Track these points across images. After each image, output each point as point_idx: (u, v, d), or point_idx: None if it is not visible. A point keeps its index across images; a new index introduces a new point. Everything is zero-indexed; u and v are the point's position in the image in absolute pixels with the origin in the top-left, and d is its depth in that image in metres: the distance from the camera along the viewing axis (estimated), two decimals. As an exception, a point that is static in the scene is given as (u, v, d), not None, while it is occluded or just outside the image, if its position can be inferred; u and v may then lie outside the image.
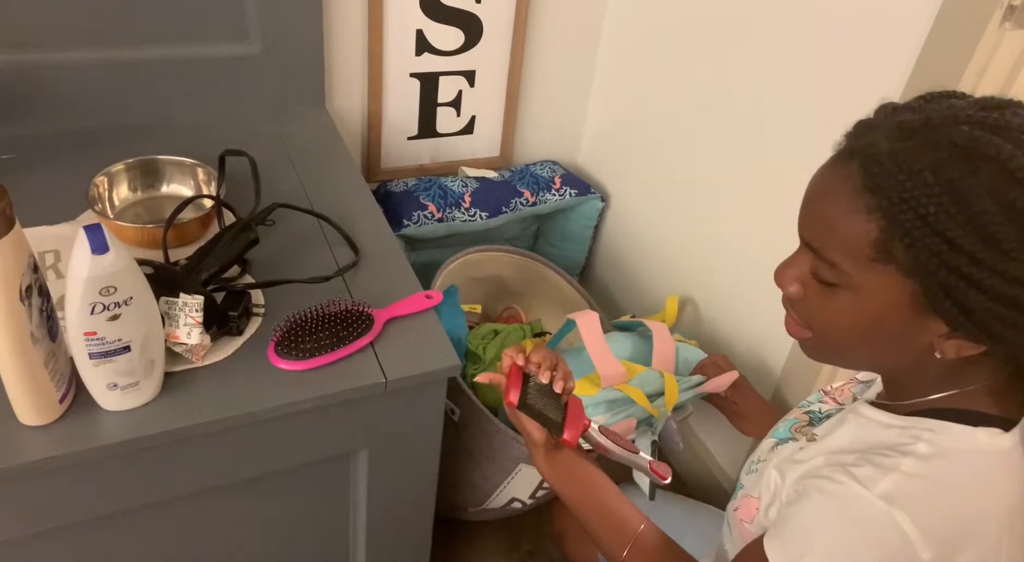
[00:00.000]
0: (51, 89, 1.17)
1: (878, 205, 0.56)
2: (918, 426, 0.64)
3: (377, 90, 1.46)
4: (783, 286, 0.66)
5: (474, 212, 1.51)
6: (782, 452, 0.77)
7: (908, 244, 0.55)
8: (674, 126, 1.47)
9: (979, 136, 0.53)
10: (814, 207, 0.61)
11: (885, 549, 0.58)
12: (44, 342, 0.74)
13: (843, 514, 0.61)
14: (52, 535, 0.85)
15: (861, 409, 0.71)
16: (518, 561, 1.40)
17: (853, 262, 0.58)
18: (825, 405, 0.82)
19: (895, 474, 0.60)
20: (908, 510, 0.58)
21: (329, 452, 0.96)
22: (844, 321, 0.62)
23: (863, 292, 0.59)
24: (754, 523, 0.75)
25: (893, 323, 0.60)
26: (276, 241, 1.04)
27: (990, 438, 0.61)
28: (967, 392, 0.63)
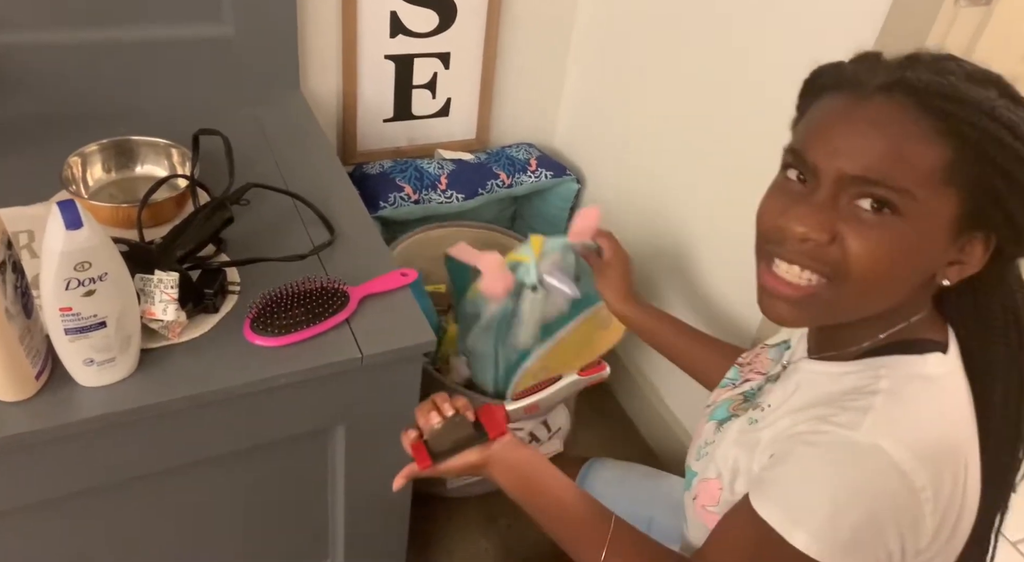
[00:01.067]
0: (23, 71, 1.17)
1: (948, 130, 0.58)
2: (872, 366, 0.66)
3: (352, 72, 1.46)
4: (813, 232, 0.62)
5: (450, 194, 1.53)
6: (731, 430, 0.77)
7: (979, 163, 0.58)
8: (649, 108, 1.48)
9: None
10: (867, 141, 0.60)
11: (885, 485, 0.59)
12: (19, 318, 0.75)
13: (837, 460, 0.61)
14: (28, 510, 0.86)
15: (804, 366, 0.73)
16: (495, 535, 1.43)
17: (926, 186, 0.59)
18: (751, 381, 0.83)
19: (872, 412, 0.62)
20: (896, 443, 0.60)
21: (306, 428, 0.97)
22: (894, 252, 0.61)
23: (924, 217, 0.60)
24: (720, 504, 0.74)
25: (931, 249, 0.62)
26: (251, 221, 1.05)
27: (937, 361, 0.66)
28: (904, 327, 0.67)
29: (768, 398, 0.75)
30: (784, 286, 0.65)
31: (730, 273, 1.35)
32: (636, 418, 1.68)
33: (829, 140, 0.61)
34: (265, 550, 1.11)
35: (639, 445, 1.63)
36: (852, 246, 0.61)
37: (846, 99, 0.62)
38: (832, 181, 0.61)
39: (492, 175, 1.57)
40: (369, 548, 1.19)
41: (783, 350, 0.82)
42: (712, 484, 0.76)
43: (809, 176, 0.63)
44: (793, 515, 0.61)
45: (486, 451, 0.82)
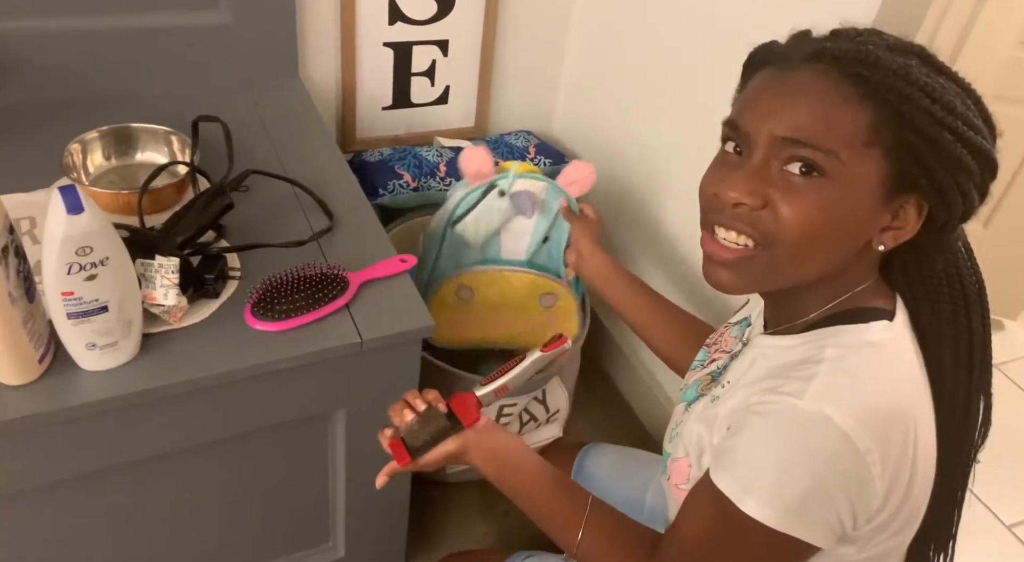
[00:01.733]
0: (23, 58, 1.17)
1: (867, 94, 0.61)
2: (819, 336, 0.69)
3: (351, 60, 1.46)
4: (744, 197, 0.65)
5: (449, 181, 1.53)
6: (696, 410, 0.79)
7: (897, 124, 0.61)
8: (648, 96, 1.49)
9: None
10: (799, 105, 0.63)
11: (829, 449, 0.61)
12: (22, 302, 0.76)
13: (783, 428, 0.63)
14: (31, 494, 0.87)
15: (759, 341, 0.75)
16: (494, 521, 1.44)
17: (850, 148, 0.62)
18: (717, 360, 0.84)
19: (817, 379, 0.64)
20: (838, 407, 0.61)
21: (306, 412, 0.98)
22: (824, 215, 0.64)
23: (851, 180, 0.63)
24: (689, 481, 0.76)
25: (862, 213, 0.64)
26: (251, 207, 1.05)
27: (883, 329, 0.68)
28: (849, 296, 0.69)
29: (728, 375, 0.78)
30: (723, 251, 0.68)
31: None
32: (634, 403, 1.69)
33: (759, 106, 0.66)
34: (266, 534, 1.12)
35: (637, 430, 1.64)
36: (783, 210, 0.64)
37: (775, 71, 0.66)
38: (763, 145, 0.65)
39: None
40: (369, 532, 1.20)
41: (744, 327, 0.84)
42: (682, 463, 0.77)
43: (744, 146, 0.67)
44: (743, 483, 0.64)
45: (462, 439, 0.83)
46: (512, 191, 1.26)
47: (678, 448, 0.79)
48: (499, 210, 1.27)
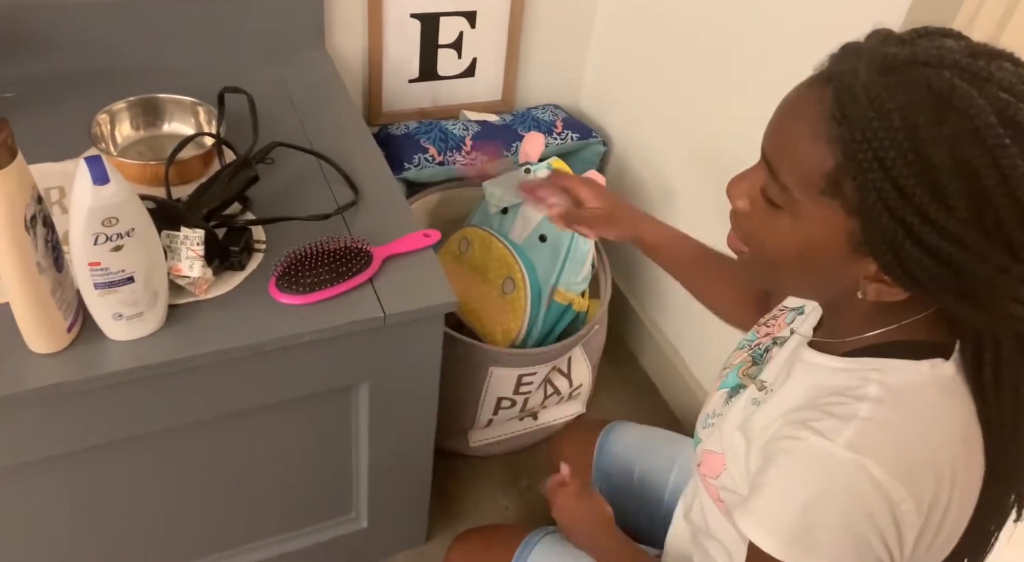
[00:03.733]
0: (52, 30, 1.17)
1: (840, 137, 0.54)
2: (864, 367, 0.63)
3: (377, 31, 1.45)
4: (732, 199, 0.66)
5: (475, 156, 1.52)
6: (737, 407, 0.76)
7: (859, 183, 0.54)
8: (678, 69, 1.46)
9: (957, 85, 0.51)
10: (780, 124, 0.60)
11: (860, 498, 0.58)
12: (50, 272, 0.77)
13: (814, 472, 0.60)
14: (56, 461, 0.89)
15: (805, 355, 0.70)
16: (516, 495, 1.45)
17: (802, 189, 0.58)
18: (763, 341, 0.82)
19: (855, 421, 0.60)
20: (874, 455, 0.58)
21: (330, 385, 0.98)
22: (779, 244, 0.62)
23: (804, 220, 0.59)
24: (719, 479, 0.74)
25: (825, 257, 0.60)
26: (276, 180, 1.05)
27: (933, 369, 0.62)
28: (903, 326, 0.63)
29: (771, 378, 0.74)
30: (729, 242, 0.69)
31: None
32: (658, 381, 1.68)
33: (774, 115, 0.62)
34: (290, 504, 1.13)
35: (661, 409, 1.63)
36: (753, 222, 0.64)
37: (807, 79, 0.60)
38: (761, 156, 0.63)
39: (517, 137, 1.56)
40: (392, 504, 1.21)
41: (797, 315, 0.81)
42: (716, 458, 0.75)
43: None
44: (768, 526, 0.61)
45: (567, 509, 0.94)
46: (535, 174, 1.34)
47: (714, 441, 0.77)
48: (518, 181, 1.30)
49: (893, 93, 0.53)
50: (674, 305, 1.61)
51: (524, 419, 1.47)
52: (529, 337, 1.35)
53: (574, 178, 1.00)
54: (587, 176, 1.30)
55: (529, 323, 1.33)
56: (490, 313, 1.35)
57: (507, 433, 1.47)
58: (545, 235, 1.35)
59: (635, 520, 1.09)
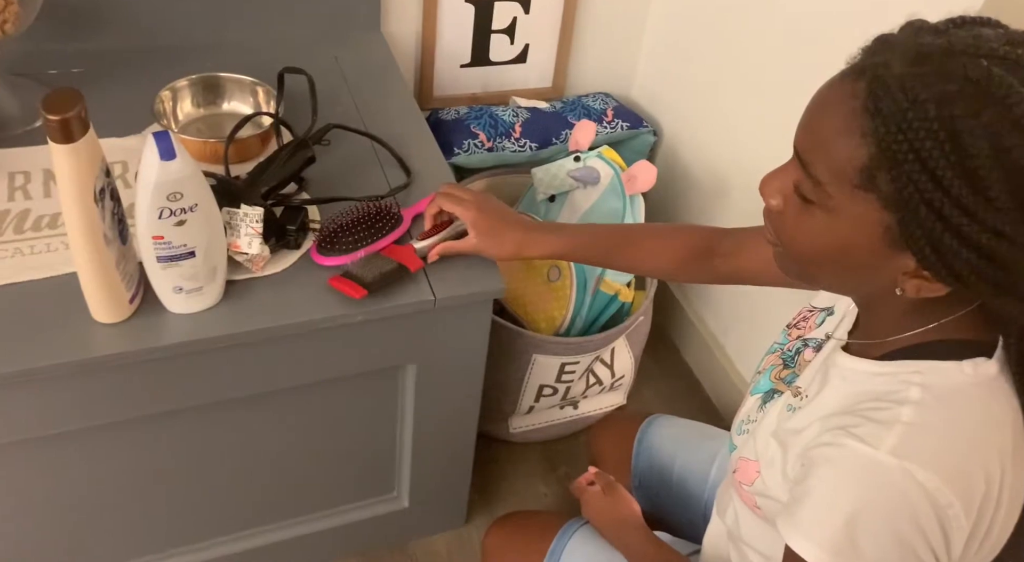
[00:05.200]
0: (118, 7, 1.20)
1: (874, 130, 0.53)
2: (904, 370, 0.62)
3: (432, 15, 1.45)
4: (765, 197, 0.64)
5: (524, 142, 1.51)
6: (772, 414, 0.75)
7: (895, 176, 0.53)
8: (732, 60, 1.43)
9: (994, 73, 0.50)
10: (812, 118, 0.59)
11: (910, 507, 0.57)
12: (115, 244, 0.79)
13: (858, 480, 0.59)
14: (115, 429, 0.91)
15: (840, 360, 0.69)
16: (555, 483, 1.45)
17: (836, 184, 0.56)
18: (794, 343, 0.80)
19: (898, 426, 0.58)
20: (919, 461, 0.57)
21: (378, 365, 1.00)
22: (813, 241, 0.61)
23: (838, 216, 0.58)
24: (753, 486, 0.73)
25: (861, 252, 0.59)
26: (331, 161, 1.06)
27: (976, 369, 0.60)
28: (942, 324, 0.62)
29: (805, 383, 0.73)
30: (767, 235, 0.68)
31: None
32: (700, 374, 1.67)
33: (806, 111, 0.60)
34: (334, 481, 1.15)
35: (703, 403, 1.62)
36: (786, 219, 0.63)
37: (839, 73, 0.58)
38: (793, 152, 0.61)
39: (567, 125, 1.55)
40: (433, 485, 1.22)
41: (827, 315, 0.80)
42: (750, 465, 0.74)
43: None
44: (812, 536, 0.60)
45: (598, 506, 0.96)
46: (585, 162, 1.34)
47: (748, 447, 0.76)
48: (567, 170, 1.35)
49: (928, 83, 0.51)
50: (719, 299, 1.59)
51: (565, 408, 1.47)
52: (573, 326, 1.34)
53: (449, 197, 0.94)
54: (639, 166, 1.30)
55: (574, 312, 1.33)
56: (535, 301, 1.35)
57: (547, 421, 1.47)
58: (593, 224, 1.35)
59: (673, 515, 1.09)
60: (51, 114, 0.68)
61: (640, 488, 1.12)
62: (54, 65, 1.16)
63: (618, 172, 1.33)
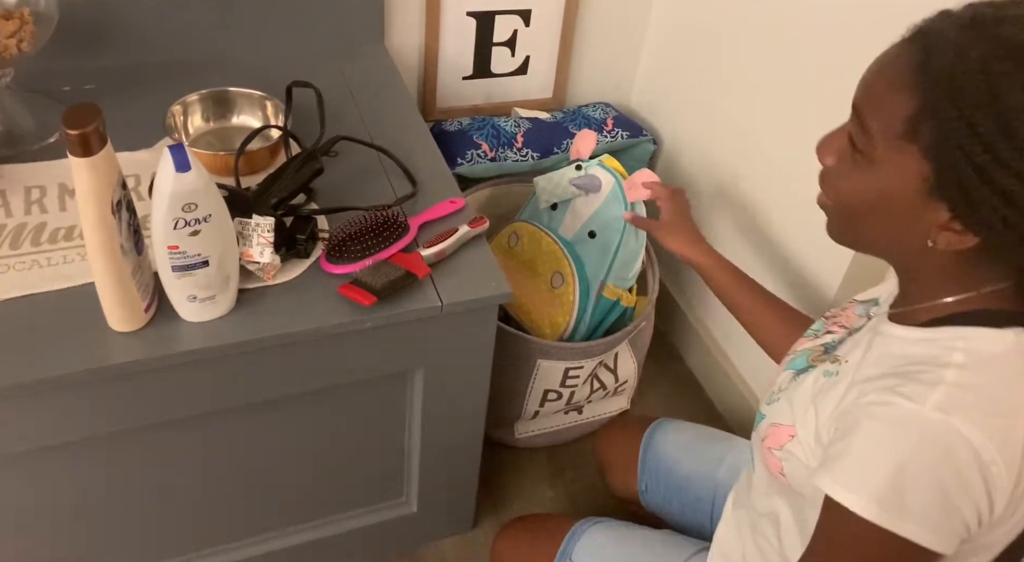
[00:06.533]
0: (129, 24, 1.23)
1: (921, 84, 0.58)
2: (947, 336, 0.64)
3: (434, 29, 1.48)
4: (821, 156, 0.69)
5: (526, 152, 1.54)
6: (806, 382, 0.77)
7: (936, 125, 0.58)
8: (729, 70, 1.46)
9: None
10: (871, 75, 0.64)
11: (955, 460, 0.59)
12: (131, 254, 0.81)
13: (904, 434, 0.61)
14: (131, 435, 0.93)
15: (883, 327, 0.71)
16: (561, 486, 1.47)
17: (883, 134, 0.62)
18: (833, 334, 0.82)
19: (942, 386, 0.61)
20: (965, 417, 0.59)
21: (387, 370, 1.02)
22: (858, 191, 0.66)
23: (882, 166, 0.63)
24: (783, 450, 0.75)
25: (899, 202, 0.63)
26: (339, 172, 1.09)
27: (1018, 337, 0.63)
28: (983, 294, 0.65)
29: (846, 352, 0.75)
30: (819, 200, 0.73)
31: (810, 238, 1.33)
32: (702, 378, 1.69)
33: (868, 68, 0.65)
34: (344, 486, 1.17)
35: (705, 407, 1.63)
36: (839, 175, 0.68)
37: (901, 37, 0.64)
38: (852, 111, 0.66)
39: (568, 134, 1.58)
40: (441, 490, 1.24)
41: (871, 307, 0.82)
42: (783, 430, 0.76)
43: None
44: (858, 488, 0.62)
45: None
46: (586, 171, 1.36)
47: (781, 414, 0.78)
48: (568, 178, 1.37)
49: (976, 44, 0.57)
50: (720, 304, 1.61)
51: (569, 412, 1.49)
52: (577, 331, 1.36)
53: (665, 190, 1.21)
54: (640, 174, 1.32)
55: (577, 317, 1.35)
56: (539, 307, 1.37)
57: (552, 426, 1.49)
58: (594, 231, 1.37)
59: (681, 518, 1.10)
60: (71, 129, 0.70)
61: (647, 492, 1.13)
62: (68, 82, 1.18)
63: (619, 180, 1.35)
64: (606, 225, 1.35)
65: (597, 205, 1.37)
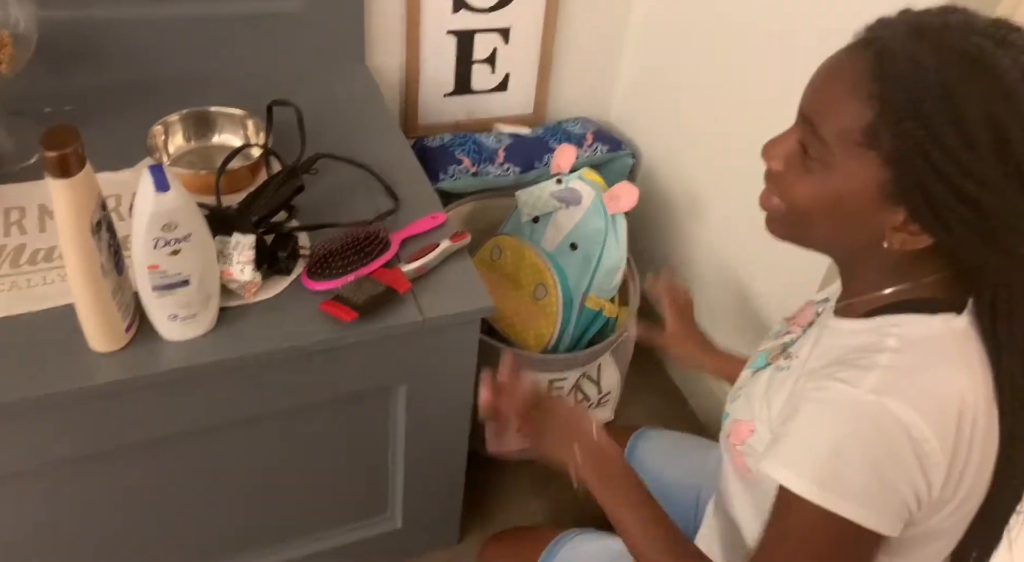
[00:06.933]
0: (109, 44, 1.23)
1: (879, 93, 0.60)
2: (884, 324, 0.68)
3: (415, 47, 1.49)
4: (768, 160, 0.71)
5: (507, 167, 1.55)
6: (761, 378, 0.80)
7: (896, 132, 0.60)
8: (706, 84, 1.48)
9: (985, 47, 0.58)
10: (821, 84, 0.66)
11: (887, 438, 0.61)
12: (112, 275, 0.81)
13: (840, 416, 0.63)
14: (114, 455, 0.93)
15: (829, 322, 0.75)
16: (546, 498, 1.46)
17: (840, 143, 0.63)
18: (792, 334, 0.85)
19: (877, 369, 0.64)
20: (895, 396, 0.62)
21: (370, 385, 1.02)
22: (813, 196, 0.67)
23: (839, 173, 0.64)
24: (745, 445, 0.78)
25: (856, 207, 0.65)
26: (320, 189, 1.10)
27: (948, 323, 0.66)
28: (919, 284, 0.68)
29: (797, 348, 0.78)
30: (762, 201, 0.74)
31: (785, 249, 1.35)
32: (686, 390, 1.70)
33: (813, 78, 0.67)
34: (328, 502, 1.17)
35: (687, 416, 1.64)
36: (788, 179, 0.69)
37: (845, 46, 0.66)
38: (798, 117, 0.68)
39: (548, 149, 1.59)
40: (426, 505, 1.24)
41: (822, 305, 0.85)
42: (744, 426, 0.79)
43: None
44: (798, 469, 0.64)
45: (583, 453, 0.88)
46: (567, 184, 1.38)
47: (741, 410, 0.81)
48: (549, 191, 1.40)
49: (929, 53, 0.59)
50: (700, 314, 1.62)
51: (554, 425, 1.50)
52: (561, 342, 1.37)
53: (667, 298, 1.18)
54: (621, 187, 1.33)
55: (561, 328, 1.36)
56: (523, 319, 1.38)
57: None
58: (576, 243, 1.38)
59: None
60: (49, 150, 0.71)
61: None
62: (48, 103, 1.19)
63: (599, 192, 1.36)
64: (587, 237, 1.37)
65: (578, 217, 1.38)
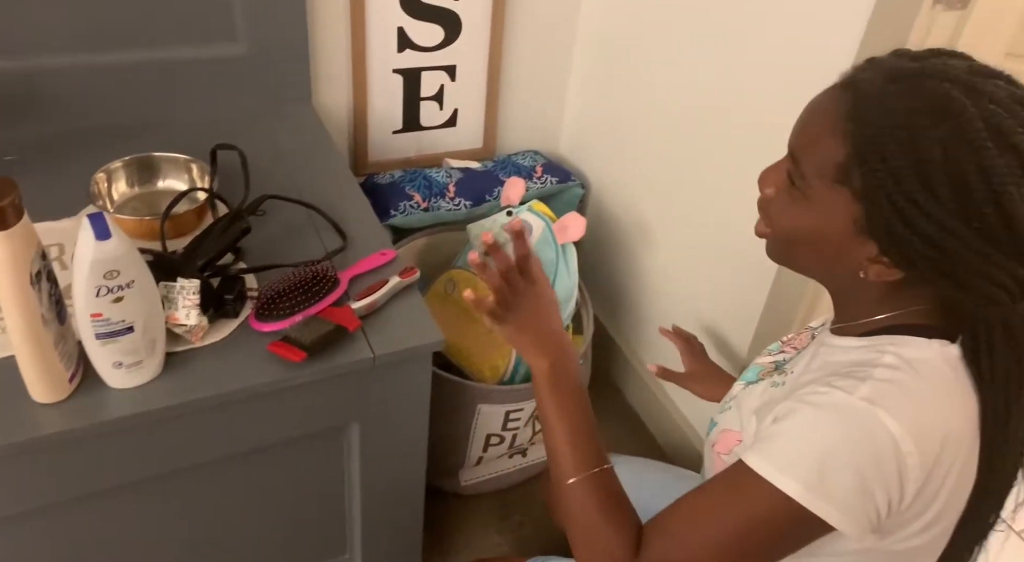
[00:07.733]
0: (50, 93, 1.23)
1: (852, 133, 0.64)
2: (881, 342, 0.70)
3: (362, 86, 1.51)
4: (761, 188, 0.75)
5: (458, 201, 1.57)
6: (754, 392, 0.82)
7: (865, 172, 0.63)
8: (651, 113, 1.53)
9: (954, 95, 0.60)
10: (806, 121, 0.70)
11: (874, 445, 0.63)
12: (53, 324, 0.80)
13: (831, 417, 0.65)
14: (59, 507, 0.91)
15: (827, 339, 0.78)
16: (509, 531, 1.47)
17: (819, 177, 0.67)
18: (786, 354, 0.88)
19: (871, 380, 0.66)
20: (888, 408, 0.63)
21: (322, 425, 1.02)
22: (795, 225, 0.71)
23: (817, 205, 0.68)
24: (731, 454, 0.79)
25: (833, 238, 0.69)
26: (268, 230, 1.10)
27: (943, 348, 0.69)
28: (911, 311, 0.71)
29: (792, 365, 0.81)
30: (756, 228, 0.78)
31: (741, 269, 1.38)
32: (644, 415, 1.72)
33: (802, 114, 0.71)
34: (285, 545, 1.15)
35: (648, 442, 1.66)
36: (776, 207, 0.74)
37: (833, 84, 0.69)
38: (787, 151, 0.72)
39: (498, 182, 1.62)
40: (385, 542, 1.23)
41: (820, 329, 0.88)
42: (731, 435, 0.81)
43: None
44: (782, 464, 0.65)
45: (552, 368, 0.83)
46: (517, 216, 1.42)
47: (730, 421, 0.83)
48: (500, 224, 1.44)
49: (900, 98, 0.62)
50: (655, 340, 1.65)
51: (514, 456, 1.50)
52: (516, 373, 1.38)
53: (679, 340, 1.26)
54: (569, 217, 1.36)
55: (516, 359, 1.37)
56: (478, 351, 1.39)
57: (497, 471, 1.50)
58: None
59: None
60: (-15, 204, 0.70)
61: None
62: (-12, 153, 1.18)
63: (549, 224, 1.39)
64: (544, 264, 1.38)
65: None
